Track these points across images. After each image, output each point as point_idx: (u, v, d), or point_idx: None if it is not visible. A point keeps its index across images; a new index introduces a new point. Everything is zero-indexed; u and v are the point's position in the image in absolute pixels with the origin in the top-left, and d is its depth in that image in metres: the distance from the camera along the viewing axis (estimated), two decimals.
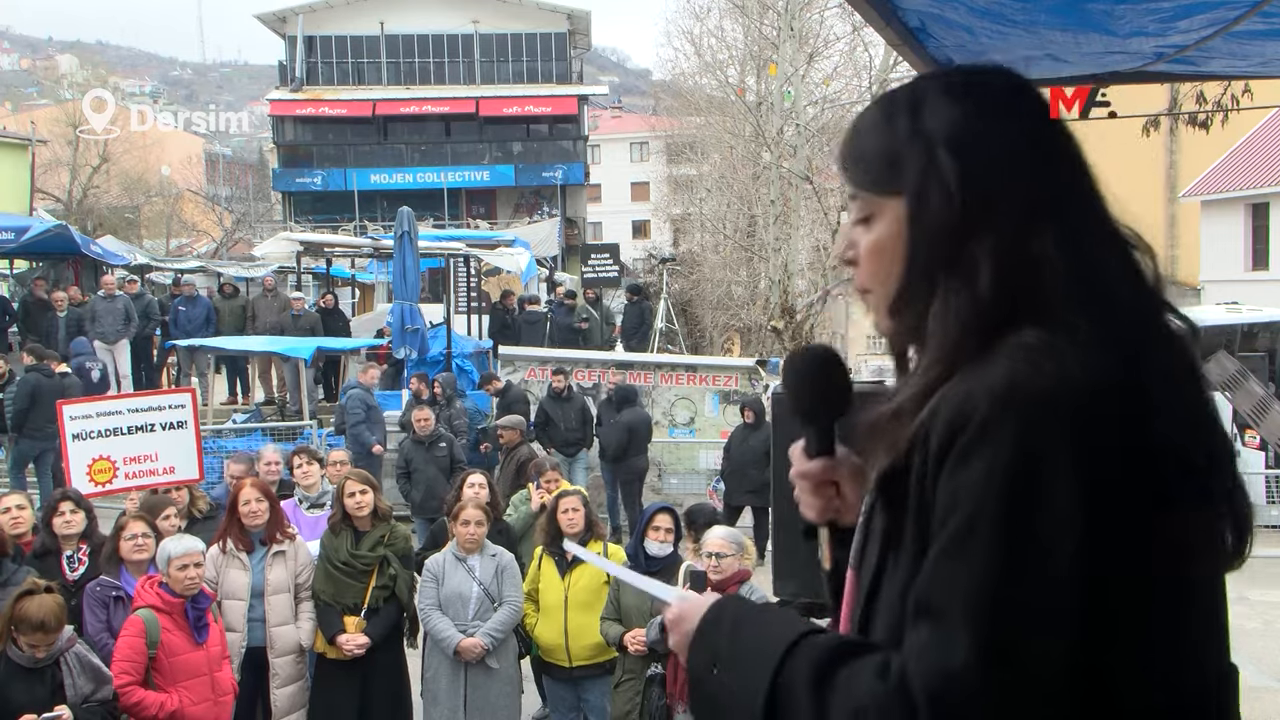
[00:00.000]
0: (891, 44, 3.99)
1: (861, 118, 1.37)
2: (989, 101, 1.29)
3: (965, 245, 1.23)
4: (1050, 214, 1.23)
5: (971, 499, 1.11)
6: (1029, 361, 1.13)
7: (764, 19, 25.21)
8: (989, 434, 1.11)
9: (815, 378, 1.49)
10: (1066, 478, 1.09)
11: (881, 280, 1.32)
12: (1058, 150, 1.29)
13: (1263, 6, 2.87)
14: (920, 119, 1.28)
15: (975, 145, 1.25)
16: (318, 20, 43.95)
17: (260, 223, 41.31)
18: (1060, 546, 1.08)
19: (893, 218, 1.29)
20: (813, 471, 1.49)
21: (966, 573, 1.10)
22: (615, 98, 70.98)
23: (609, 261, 23.69)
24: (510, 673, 6.35)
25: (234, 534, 6.20)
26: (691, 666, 1.35)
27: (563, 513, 6.39)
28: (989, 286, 1.21)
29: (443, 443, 11.58)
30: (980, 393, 1.13)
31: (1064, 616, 1.08)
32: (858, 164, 1.34)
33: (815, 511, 1.50)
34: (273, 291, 18.65)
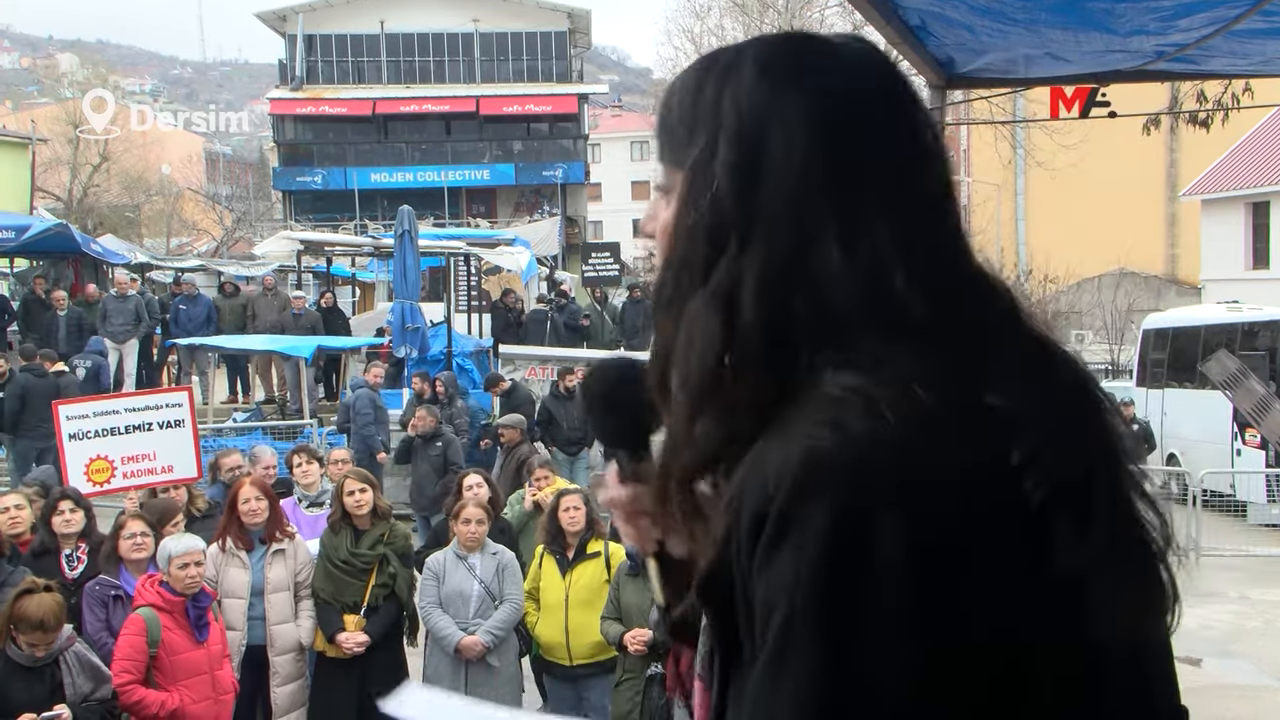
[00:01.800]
0: (891, 42, 3.99)
1: (679, 76, 1.12)
2: (799, 73, 1.02)
3: (724, 253, 0.98)
4: (843, 221, 0.97)
5: (783, 603, 0.89)
6: (834, 422, 0.90)
7: (764, 17, 25.25)
8: (792, 526, 0.89)
9: (621, 396, 1.26)
10: (894, 559, 0.87)
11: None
12: (881, 138, 1.01)
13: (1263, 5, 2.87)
14: (723, 91, 1.03)
15: (767, 125, 0.99)
16: (318, 19, 43.95)
17: (260, 222, 41.34)
18: (891, 642, 0.87)
19: (678, 195, 1.06)
20: (619, 501, 1.24)
21: (785, 693, 0.89)
22: (615, 96, 71.02)
23: (610, 260, 23.69)
24: (511, 671, 6.35)
25: (233, 532, 6.20)
26: None
27: (564, 511, 6.39)
28: (753, 315, 0.96)
29: (439, 442, 11.59)
30: (777, 474, 0.90)
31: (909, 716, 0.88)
32: (662, 127, 1.10)
33: (633, 541, 1.26)
34: (273, 290, 18.66)
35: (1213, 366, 10.64)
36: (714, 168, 1.01)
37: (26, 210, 26.27)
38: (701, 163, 1.02)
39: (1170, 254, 33.52)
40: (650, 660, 5.66)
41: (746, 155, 1.00)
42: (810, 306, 0.96)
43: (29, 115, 39.40)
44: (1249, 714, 7.86)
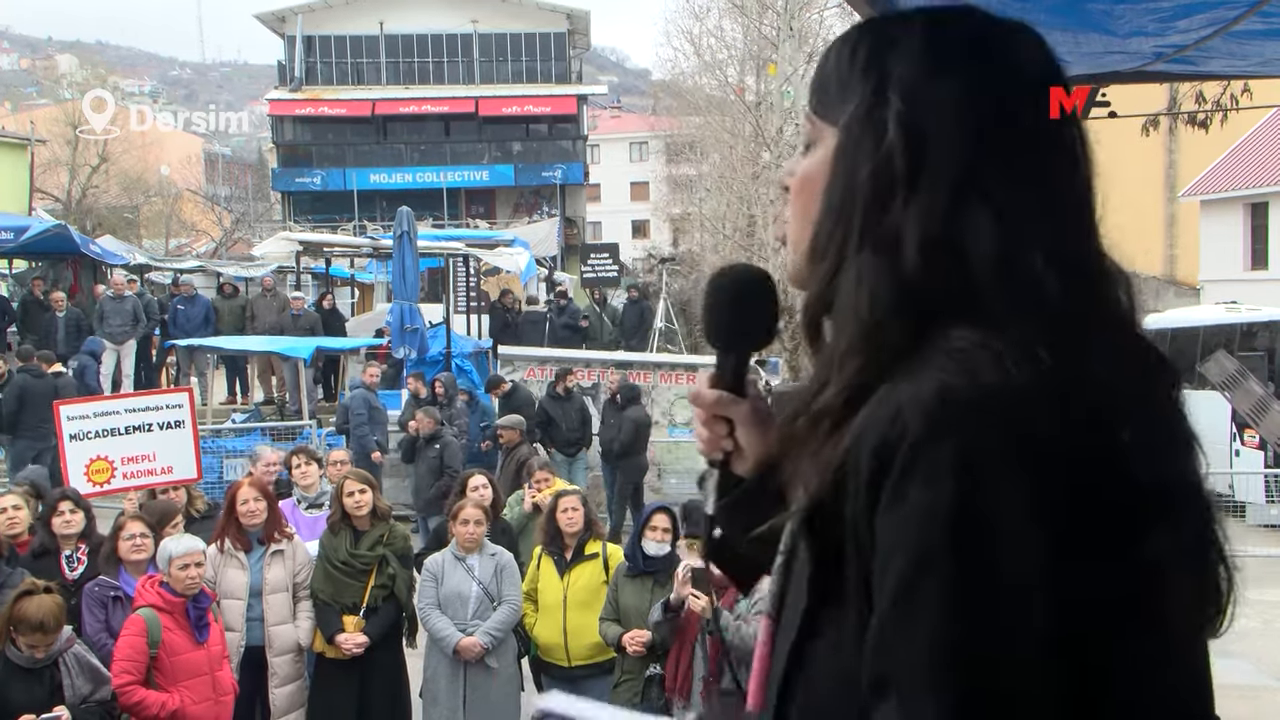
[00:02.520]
0: None
1: (842, 35, 1.18)
2: (964, 51, 1.08)
3: (889, 204, 1.03)
4: (996, 192, 1.03)
5: (913, 543, 0.91)
6: (961, 370, 0.94)
7: (763, 19, 25.22)
8: (924, 461, 0.91)
9: (737, 301, 1.31)
10: (1022, 507, 0.90)
11: (800, 218, 1.15)
12: (1036, 125, 1.07)
13: (1262, 6, 2.87)
14: (883, 55, 1.09)
15: (932, 95, 1.05)
16: (317, 20, 43.96)
17: (259, 222, 41.31)
18: (1025, 587, 0.89)
19: (827, 148, 1.11)
20: (705, 399, 1.30)
21: (922, 635, 0.90)
22: (615, 97, 71.01)
23: (608, 261, 23.70)
24: (510, 672, 6.35)
25: (231, 533, 6.20)
26: None
27: (562, 512, 6.39)
28: (914, 263, 1.01)
29: (437, 444, 11.60)
30: (909, 410, 0.93)
31: (1038, 669, 0.90)
32: (815, 84, 1.16)
33: (703, 443, 1.32)
34: (272, 291, 18.67)
35: (1211, 367, 10.64)
36: (882, 121, 1.05)
37: (25, 211, 26.26)
38: (863, 117, 1.07)
39: (1169, 255, 33.54)
40: (649, 661, 5.67)
41: (918, 113, 1.05)
42: (957, 266, 1.01)
43: (28, 116, 39.35)
44: (1248, 714, 7.86)
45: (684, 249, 39.10)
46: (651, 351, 19.52)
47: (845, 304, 1.05)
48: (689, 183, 39.74)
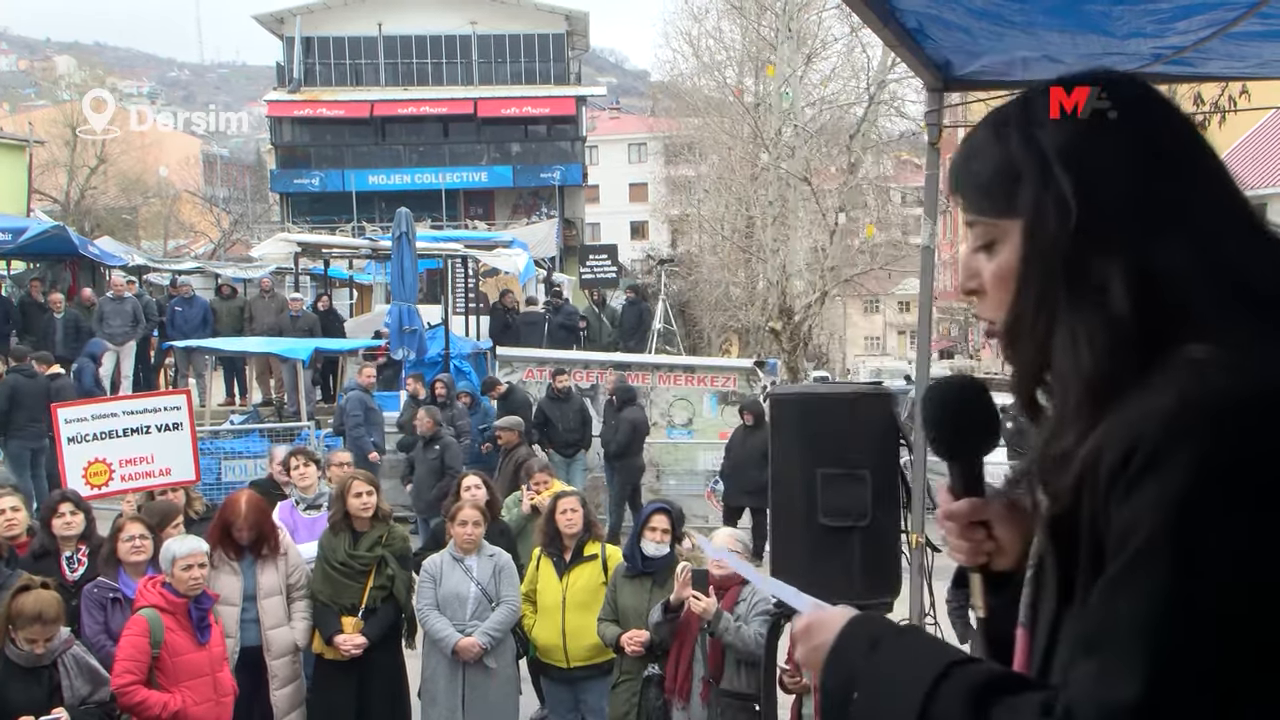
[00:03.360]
0: (889, 45, 4.00)
1: (971, 139, 1.29)
2: (1103, 110, 1.20)
3: (1089, 263, 1.14)
4: (1181, 221, 1.14)
5: (1143, 530, 1.03)
6: (1200, 378, 1.05)
7: (762, 20, 25.21)
8: (1161, 459, 1.03)
9: (961, 411, 1.41)
10: (1249, 506, 1.00)
11: (998, 309, 1.25)
12: (1182, 152, 1.19)
13: (1260, 8, 2.87)
14: (1032, 133, 1.21)
15: (1091, 155, 1.17)
16: (315, 21, 43.93)
17: (258, 224, 41.30)
18: (1241, 578, 1.00)
19: (1016, 240, 1.22)
20: (960, 512, 1.39)
21: (1135, 604, 1.02)
22: (613, 99, 70.99)
23: (607, 262, 23.68)
24: (508, 673, 6.35)
25: (225, 544, 6.11)
26: (826, 686, 1.27)
27: (561, 513, 6.39)
28: (1124, 305, 1.12)
29: (437, 445, 11.60)
30: (1149, 416, 1.05)
31: (1242, 655, 1.00)
32: (973, 188, 1.27)
33: (965, 555, 1.40)
34: (270, 292, 18.65)
35: None
36: (1059, 194, 1.17)
37: (24, 212, 26.24)
38: (1039, 198, 1.18)
39: None
40: (647, 661, 5.66)
41: (1086, 175, 1.17)
42: (1165, 294, 1.12)
43: (26, 117, 39.35)
44: None
45: (682, 250, 39.08)
46: (650, 353, 19.52)
47: (1065, 364, 1.16)
48: (687, 184, 39.73)
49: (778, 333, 22.86)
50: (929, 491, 4.99)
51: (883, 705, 1.19)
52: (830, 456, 3.97)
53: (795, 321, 23.10)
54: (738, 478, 12.59)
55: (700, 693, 5.46)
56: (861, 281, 29.66)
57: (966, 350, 44.41)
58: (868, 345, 59.71)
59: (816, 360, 34.16)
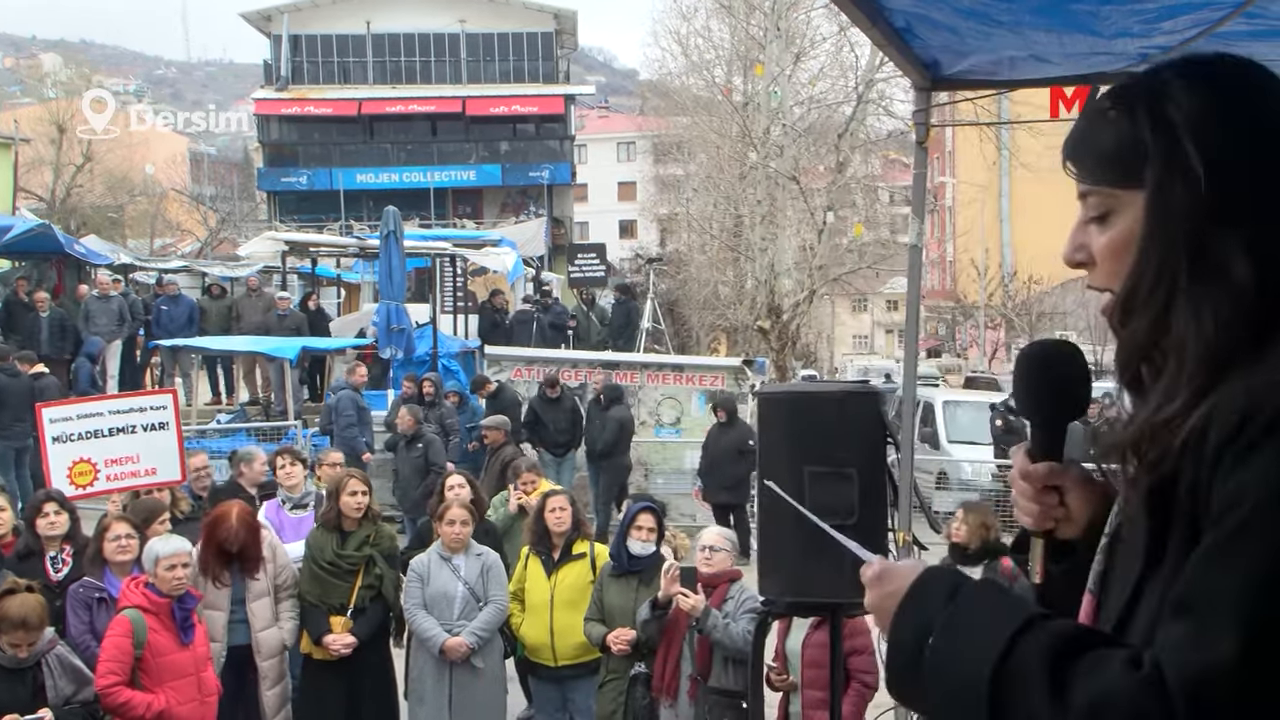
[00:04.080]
0: (877, 44, 4.00)
1: (1092, 110, 1.30)
2: (1230, 88, 1.22)
3: (1214, 239, 1.16)
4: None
5: (1253, 498, 1.03)
6: None
7: (750, 19, 25.22)
8: (1276, 435, 1.04)
9: (1054, 373, 1.41)
10: None
11: (1121, 278, 1.25)
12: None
13: (1246, 8, 2.88)
14: (1161, 108, 1.21)
15: (1220, 132, 1.18)
16: (303, 19, 43.82)
17: (245, 222, 41.16)
18: None
19: (1136, 211, 1.23)
20: (1037, 474, 1.38)
21: (1239, 567, 1.03)
22: (602, 97, 70.94)
23: (595, 261, 23.69)
24: (496, 672, 6.34)
25: (214, 556, 6.04)
26: (897, 634, 1.24)
27: (550, 512, 6.38)
28: (1249, 280, 1.14)
29: (420, 443, 11.58)
30: (1266, 389, 1.07)
31: None
32: (1093, 158, 1.27)
33: (1033, 518, 1.40)
34: (257, 291, 18.58)
35: None
36: (1187, 168, 1.17)
37: (9, 211, 26.08)
38: (1165, 171, 1.19)
39: None
40: (634, 660, 5.66)
41: (1214, 151, 1.17)
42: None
43: (12, 115, 39.15)
44: None
45: (671, 249, 39.11)
46: (639, 352, 19.52)
47: (1182, 336, 1.17)
48: (676, 183, 39.78)
49: (766, 331, 22.88)
50: (916, 490, 5.00)
51: (960, 651, 1.16)
52: (818, 455, 3.96)
53: (783, 320, 23.12)
54: (715, 474, 12.62)
55: (688, 690, 5.47)
56: (849, 280, 29.69)
57: (954, 349, 44.51)
58: (855, 344, 59.83)
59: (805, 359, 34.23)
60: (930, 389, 20.42)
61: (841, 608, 3.87)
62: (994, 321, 40.72)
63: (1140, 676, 1.05)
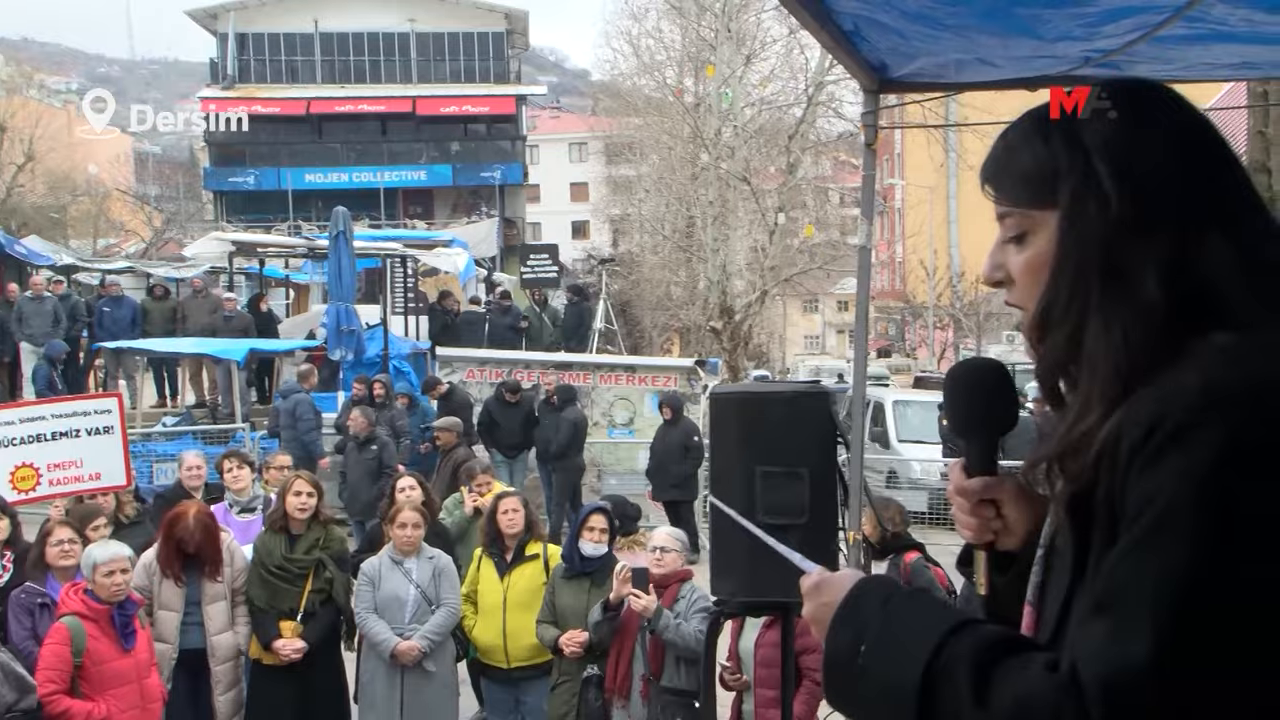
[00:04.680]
0: (826, 47, 4.03)
1: (1010, 134, 1.34)
2: (1142, 113, 1.26)
3: (1125, 254, 1.19)
4: (1211, 215, 1.20)
5: (1163, 499, 1.05)
6: (1225, 363, 1.09)
7: (701, 20, 25.29)
8: (1186, 434, 1.06)
9: (980, 391, 1.44)
10: (1271, 481, 1.03)
11: (1036, 297, 1.28)
12: (1210, 152, 1.26)
13: (1186, 11, 2.94)
14: (1075, 131, 1.26)
15: (1130, 152, 1.23)
16: (250, 17, 43.32)
17: (191, 222, 40.57)
18: (1261, 549, 1.02)
19: (1050, 231, 1.26)
20: (972, 489, 1.41)
21: (1153, 568, 1.04)
22: (554, 98, 70.74)
23: (548, 262, 23.62)
24: (447, 676, 6.30)
25: (174, 561, 5.96)
26: (833, 642, 1.27)
27: (503, 513, 6.35)
28: (1156, 293, 1.17)
29: (374, 445, 11.50)
30: (1174, 394, 1.09)
31: (1260, 621, 1.02)
32: (1010, 180, 1.31)
33: (972, 531, 1.43)
34: (203, 292, 18.32)
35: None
36: (1099, 186, 1.21)
37: None
38: (1080, 189, 1.23)
39: None
40: (586, 662, 5.66)
41: (1127, 169, 1.21)
42: (1200, 285, 1.17)
43: None
44: None
45: (624, 250, 39.15)
46: (591, 352, 19.50)
47: (1095, 349, 1.20)
48: (628, 184, 39.77)
49: (718, 332, 22.97)
50: (866, 489, 5.04)
51: (891, 657, 1.20)
52: (769, 455, 3.97)
53: (735, 321, 23.23)
54: (662, 473, 12.65)
55: (640, 690, 5.47)
56: (801, 281, 29.89)
57: (903, 349, 44.95)
58: (807, 344, 60.21)
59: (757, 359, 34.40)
60: (880, 389, 20.61)
61: (794, 607, 3.88)
62: (942, 322, 41.21)
63: (1058, 677, 1.07)
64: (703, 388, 14.78)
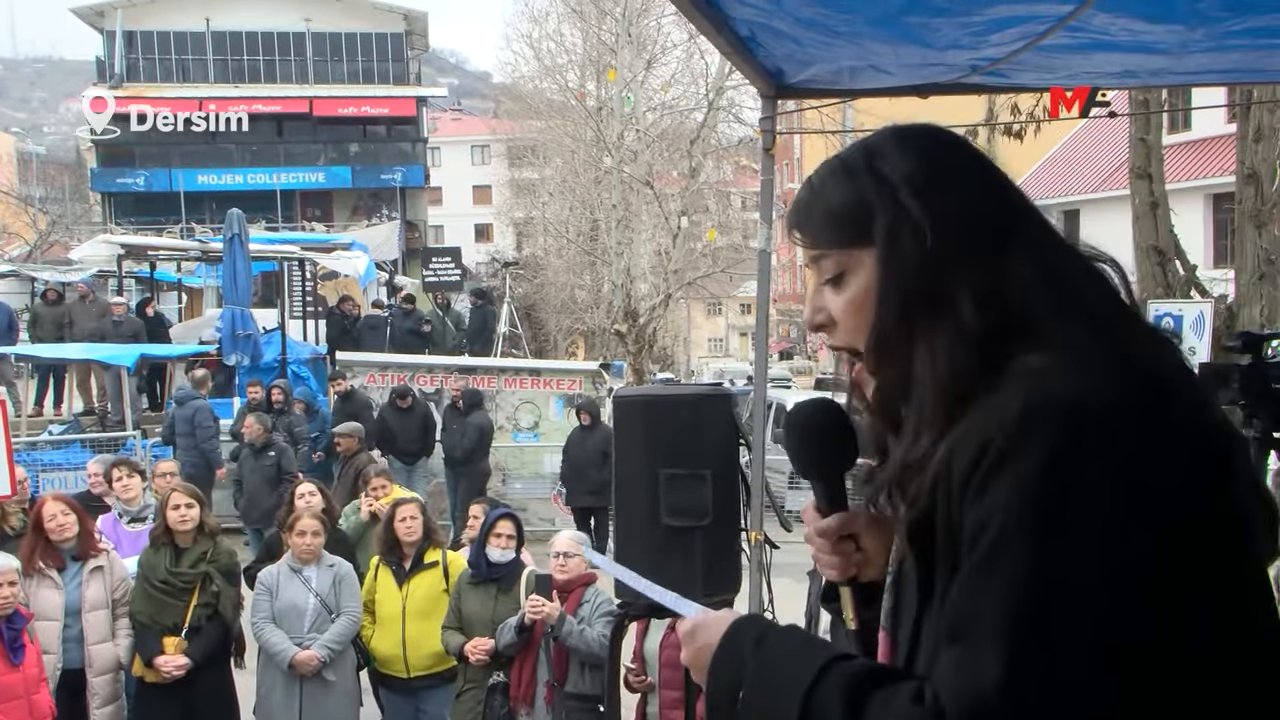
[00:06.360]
0: (723, 52, 4.06)
1: (814, 179, 1.36)
2: (933, 147, 1.32)
3: (941, 282, 1.23)
4: (1015, 240, 1.25)
5: (997, 521, 1.08)
6: (1041, 381, 1.12)
7: (602, 25, 25.36)
8: (1011, 454, 1.08)
9: (820, 433, 1.45)
10: (1100, 488, 1.06)
11: (864, 333, 1.30)
12: (1001, 183, 1.32)
13: (1068, 21, 3.03)
14: (877, 167, 1.29)
15: (935, 185, 1.27)
16: (138, 15, 42.07)
17: (77, 224, 39.20)
18: (1097, 559, 1.05)
19: (869, 267, 1.29)
20: (829, 528, 1.43)
21: (994, 590, 1.07)
22: (455, 100, 70.18)
23: (451, 265, 23.39)
24: (348, 685, 6.18)
25: (41, 551, 5.81)
26: (712, 686, 1.29)
27: (400, 521, 6.26)
28: (973, 316, 1.21)
29: (272, 452, 11.26)
30: (995, 419, 1.11)
31: (1104, 630, 1.05)
32: (822, 222, 1.33)
33: (836, 569, 1.44)
34: (90, 297, 17.73)
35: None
36: (910, 221, 1.25)
37: None
38: (893, 225, 1.26)
39: None
40: (492, 670, 5.62)
41: (932, 202, 1.26)
42: (1011, 307, 1.21)
43: None
44: None
45: (527, 253, 38.97)
46: (496, 356, 19.38)
47: (923, 375, 1.23)
48: (532, 187, 39.61)
49: (623, 335, 23.02)
50: (768, 490, 5.10)
51: (768, 700, 1.22)
52: (673, 457, 4.00)
53: (640, 324, 23.30)
54: (578, 478, 12.61)
55: (544, 696, 5.45)
56: (704, 284, 30.15)
57: (805, 351, 45.58)
58: (711, 347, 60.67)
59: (661, 362, 34.54)
60: (782, 390, 20.86)
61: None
62: None
63: (923, 710, 1.09)
64: (608, 391, 14.79)
